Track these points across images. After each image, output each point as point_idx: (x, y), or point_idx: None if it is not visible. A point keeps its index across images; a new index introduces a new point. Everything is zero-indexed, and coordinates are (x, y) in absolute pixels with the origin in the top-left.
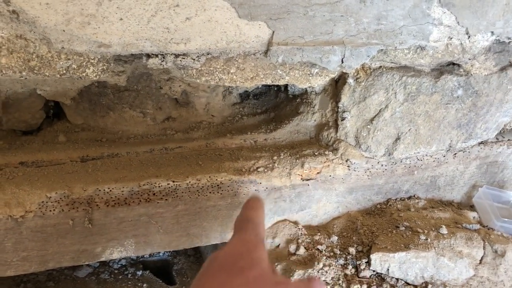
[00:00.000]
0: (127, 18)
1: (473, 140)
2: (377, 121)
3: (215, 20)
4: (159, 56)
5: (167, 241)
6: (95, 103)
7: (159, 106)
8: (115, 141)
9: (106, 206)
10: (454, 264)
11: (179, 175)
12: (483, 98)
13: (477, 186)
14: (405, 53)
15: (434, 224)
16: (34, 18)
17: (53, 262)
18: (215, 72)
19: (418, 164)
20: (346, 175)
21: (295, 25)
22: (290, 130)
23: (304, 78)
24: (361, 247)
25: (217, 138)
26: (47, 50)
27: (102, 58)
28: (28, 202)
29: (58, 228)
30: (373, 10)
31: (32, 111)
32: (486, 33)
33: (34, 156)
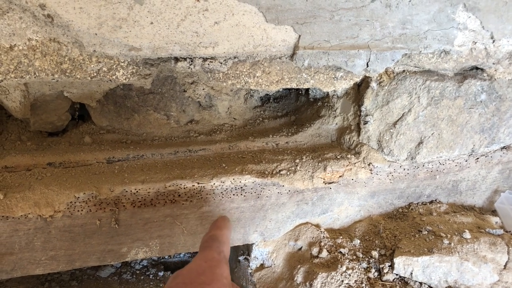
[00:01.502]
0: (157, 22)
1: (496, 145)
2: (400, 125)
3: (243, 25)
4: (187, 60)
5: (191, 242)
6: (120, 106)
7: (183, 109)
8: (140, 143)
9: (132, 207)
10: (478, 269)
11: (203, 177)
12: (507, 102)
13: (499, 191)
14: (429, 58)
15: (457, 228)
16: (68, 22)
17: (80, 262)
18: (241, 75)
19: (440, 168)
20: (368, 178)
21: (321, 29)
22: (311, 133)
23: (328, 81)
24: (384, 250)
25: (239, 140)
26: (79, 53)
27: (132, 61)
28: (57, 202)
29: (86, 228)
30: (398, 14)
31: (58, 113)
32: (511, 37)
33: (61, 157)
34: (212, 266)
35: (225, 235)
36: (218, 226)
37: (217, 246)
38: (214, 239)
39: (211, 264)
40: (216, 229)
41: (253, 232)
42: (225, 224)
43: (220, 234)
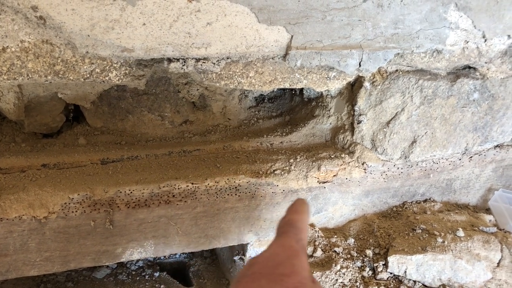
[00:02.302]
0: (150, 23)
1: (489, 143)
2: (394, 124)
3: (235, 25)
4: (180, 61)
5: (185, 242)
6: (114, 107)
7: (177, 110)
8: (134, 144)
9: (126, 207)
10: (472, 266)
11: (198, 177)
12: (499, 101)
13: (493, 189)
14: (422, 57)
15: (451, 227)
16: (60, 23)
17: (75, 263)
18: (234, 76)
19: (434, 167)
20: (362, 178)
21: (313, 30)
22: (305, 133)
23: (321, 81)
24: (378, 249)
25: (233, 141)
26: (72, 55)
27: (124, 63)
28: (51, 203)
29: (80, 229)
30: (390, 14)
31: (53, 114)
32: (502, 36)
33: (55, 159)
34: (291, 255)
35: (303, 220)
36: (296, 210)
37: (295, 233)
38: (291, 224)
39: (289, 254)
40: (293, 213)
41: (248, 232)
42: (303, 208)
43: (298, 219)
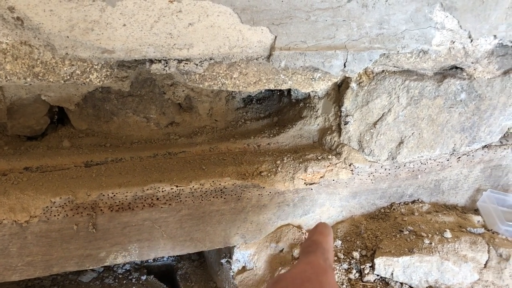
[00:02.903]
0: (130, 24)
1: (477, 144)
2: (380, 125)
3: (218, 26)
4: (162, 62)
5: (170, 245)
6: (99, 109)
7: (163, 111)
8: (119, 146)
9: (110, 211)
10: (459, 268)
11: (182, 180)
12: (487, 101)
13: (481, 190)
14: (408, 57)
15: (438, 228)
16: (38, 24)
17: (58, 267)
18: (218, 77)
19: (421, 168)
20: (350, 179)
21: (297, 30)
22: (293, 134)
23: (306, 82)
24: (365, 251)
25: (220, 142)
26: (51, 56)
27: (105, 64)
28: (33, 207)
29: (63, 233)
30: (375, 14)
31: (36, 117)
32: (488, 36)
33: (38, 161)
34: (319, 273)
35: (329, 242)
36: (321, 232)
37: (322, 253)
38: (318, 244)
39: (317, 271)
40: (319, 235)
41: (234, 234)
42: (328, 231)
43: (324, 240)
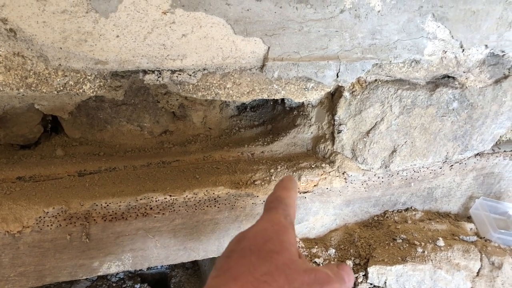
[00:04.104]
0: (123, 35)
1: (469, 152)
2: (373, 134)
3: (211, 37)
4: (155, 72)
5: (164, 255)
6: (92, 117)
7: (157, 120)
8: (113, 155)
9: (103, 220)
10: (452, 276)
11: (176, 189)
12: (479, 110)
13: (474, 197)
14: (400, 67)
15: (431, 236)
16: (31, 36)
17: (51, 277)
18: (211, 87)
19: (414, 176)
20: (343, 187)
21: (290, 41)
22: (287, 142)
23: (299, 92)
24: (359, 260)
25: (214, 151)
26: (44, 67)
27: (99, 75)
28: (26, 217)
29: (56, 243)
30: (367, 25)
31: (30, 126)
32: (480, 46)
33: (31, 171)
34: (279, 231)
35: (292, 197)
36: (285, 186)
37: (283, 209)
38: (280, 200)
39: (278, 229)
40: (282, 190)
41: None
42: (292, 185)
43: (287, 195)
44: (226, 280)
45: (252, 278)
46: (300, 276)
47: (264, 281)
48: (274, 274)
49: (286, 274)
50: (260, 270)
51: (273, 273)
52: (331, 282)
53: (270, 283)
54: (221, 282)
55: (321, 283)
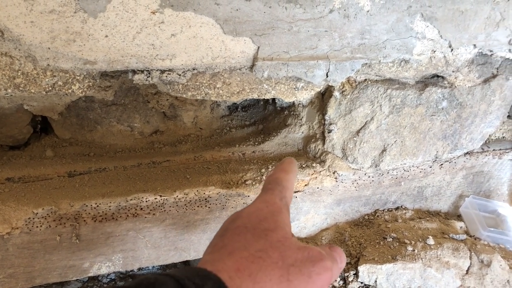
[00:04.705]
0: (112, 35)
1: (459, 151)
2: (363, 133)
3: (200, 37)
4: (144, 72)
5: (155, 255)
6: (82, 118)
7: (147, 120)
8: (103, 156)
9: (93, 221)
10: (441, 275)
11: (166, 190)
12: (468, 109)
13: (463, 196)
14: (389, 67)
15: (421, 235)
16: (19, 36)
17: (40, 279)
18: (201, 87)
19: (405, 175)
20: (334, 186)
21: (280, 41)
22: (278, 142)
23: (290, 92)
24: (349, 258)
25: (205, 151)
26: (32, 68)
27: (88, 75)
28: (14, 218)
29: (45, 244)
30: (356, 25)
31: (19, 126)
32: (468, 46)
33: (21, 172)
34: (274, 211)
35: (290, 180)
36: (284, 168)
37: (279, 191)
38: (278, 182)
39: (273, 210)
40: (281, 171)
41: None
42: (291, 168)
43: (285, 178)
44: (221, 256)
45: (247, 253)
46: (293, 253)
47: (259, 257)
48: (268, 250)
49: (280, 250)
50: (255, 247)
51: (268, 249)
52: (324, 260)
53: (265, 258)
54: (216, 257)
55: (313, 260)
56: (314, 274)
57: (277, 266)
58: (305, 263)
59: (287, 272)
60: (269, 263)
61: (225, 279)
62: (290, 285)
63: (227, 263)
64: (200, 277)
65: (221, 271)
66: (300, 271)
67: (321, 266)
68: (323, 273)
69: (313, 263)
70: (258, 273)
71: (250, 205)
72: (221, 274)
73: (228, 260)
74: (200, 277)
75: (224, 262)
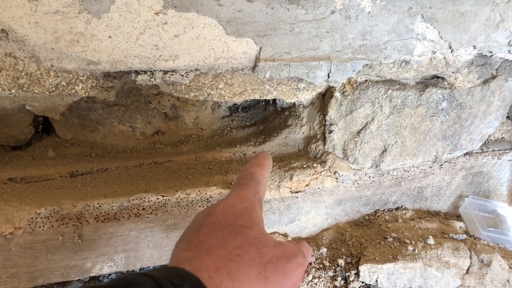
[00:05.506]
0: (115, 36)
1: (459, 151)
2: (364, 134)
3: (203, 37)
4: (147, 73)
5: (157, 255)
6: (84, 118)
7: (148, 121)
8: (105, 156)
9: (95, 221)
10: (442, 274)
11: (168, 190)
12: (467, 110)
13: (463, 196)
14: (390, 67)
15: (422, 234)
16: (23, 36)
17: (43, 279)
18: (203, 87)
19: (405, 175)
20: (335, 187)
21: (282, 42)
22: (279, 142)
23: (291, 93)
24: (350, 258)
25: (206, 151)
26: (36, 68)
27: (91, 75)
28: (17, 218)
29: (48, 244)
30: (358, 26)
31: (21, 127)
32: (468, 47)
33: (23, 172)
34: (248, 208)
35: (264, 175)
36: (258, 163)
37: (254, 186)
38: (252, 177)
39: (246, 206)
40: (255, 166)
41: None
42: (266, 163)
43: (259, 173)
44: (199, 253)
45: (225, 251)
46: (269, 249)
47: (237, 254)
48: (246, 247)
49: (257, 247)
50: (232, 244)
51: (245, 246)
52: (297, 256)
53: (243, 256)
54: (193, 255)
55: (288, 257)
56: (289, 270)
57: (255, 263)
58: (280, 260)
59: (264, 269)
60: (247, 261)
61: (205, 278)
62: (268, 282)
63: (206, 261)
64: (178, 277)
65: (201, 270)
66: (276, 268)
67: (295, 262)
68: (297, 270)
69: (288, 259)
70: (236, 272)
71: (224, 200)
72: (201, 274)
73: (206, 258)
74: (179, 277)
75: (203, 260)
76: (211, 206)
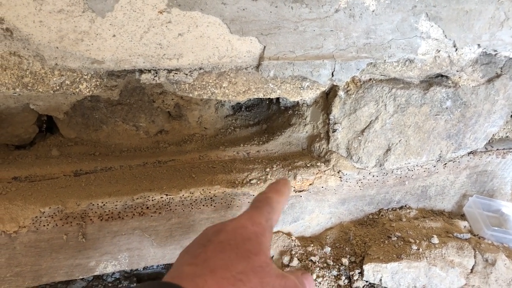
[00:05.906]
0: (120, 34)
1: (463, 150)
2: (368, 133)
3: (207, 36)
4: (151, 72)
5: (160, 254)
6: (88, 117)
7: (152, 120)
8: (108, 155)
9: (99, 220)
10: (446, 273)
11: (172, 189)
12: (472, 109)
13: (467, 195)
14: (394, 66)
15: (426, 233)
16: (28, 35)
17: (47, 277)
18: (207, 86)
19: (409, 174)
20: (338, 186)
21: (286, 40)
22: (282, 141)
23: (295, 91)
24: (354, 257)
25: (210, 150)
26: (40, 67)
27: (95, 74)
28: (22, 217)
29: (52, 243)
30: (362, 24)
31: (25, 126)
32: (473, 45)
33: (27, 171)
34: (258, 233)
35: (281, 202)
36: (277, 190)
37: (268, 212)
38: (268, 202)
39: (257, 231)
40: (274, 192)
41: None
42: (285, 190)
43: (276, 199)
44: (203, 271)
45: (229, 274)
46: (272, 280)
47: (240, 279)
48: (249, 274)
49: (260, 276)
50: (237, 268)
51: (249, 273)
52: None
53: (245, 282)
54: (197, 272)
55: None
56: None
57: None
58: None
59: None
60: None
61: None
62: None
63: (208, 282)
64: None
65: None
66: None
67: None
68: None
69: None
70: None
71: (236, 220)
72: None
73: (209, 279)
74: None
75: (206, 280)
76: (223, 223)
